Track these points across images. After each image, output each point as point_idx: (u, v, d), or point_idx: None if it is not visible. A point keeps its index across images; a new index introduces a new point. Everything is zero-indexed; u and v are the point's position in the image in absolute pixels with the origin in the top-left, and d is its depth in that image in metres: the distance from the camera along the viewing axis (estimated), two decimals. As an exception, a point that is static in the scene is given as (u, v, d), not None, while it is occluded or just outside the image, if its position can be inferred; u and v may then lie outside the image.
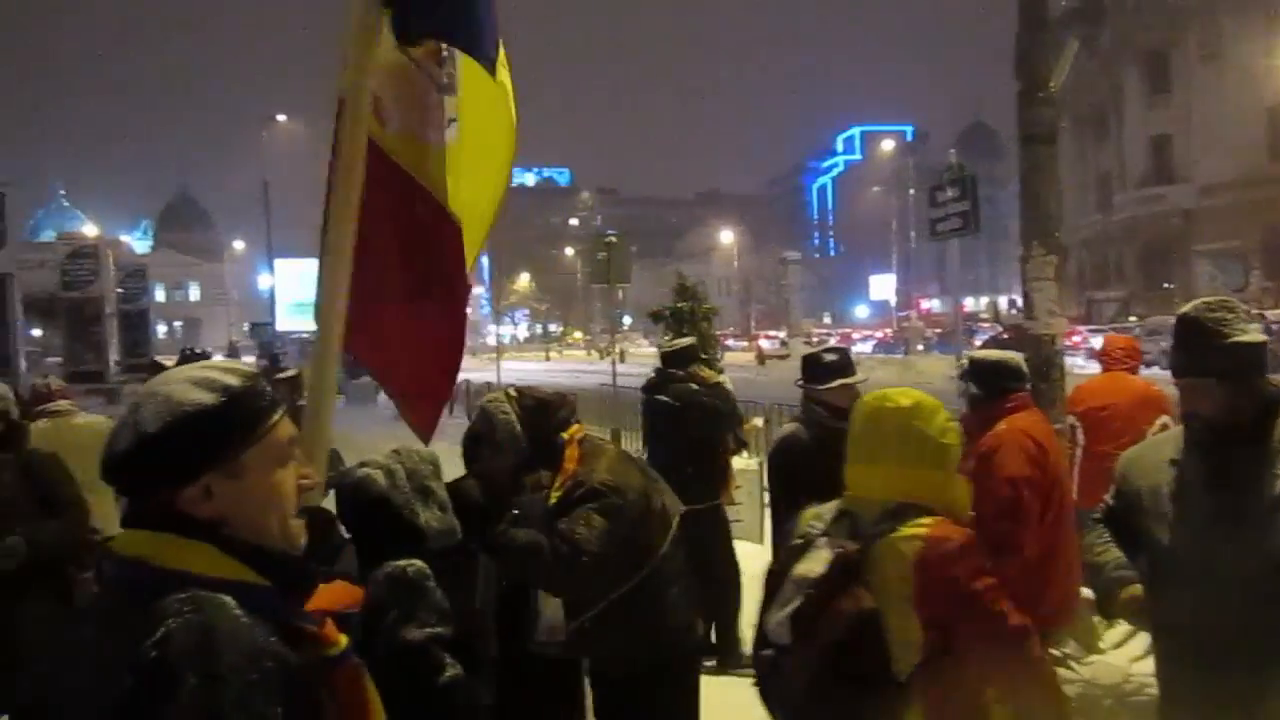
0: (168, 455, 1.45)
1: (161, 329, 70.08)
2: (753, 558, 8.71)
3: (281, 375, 6.57)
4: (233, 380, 1.51)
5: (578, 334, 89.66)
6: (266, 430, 1.53)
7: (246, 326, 61.44)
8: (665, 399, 6.15)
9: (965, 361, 4.32)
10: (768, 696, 2.73)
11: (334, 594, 1.65)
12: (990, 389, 4.01)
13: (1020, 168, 5.67)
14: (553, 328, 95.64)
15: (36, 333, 49.21)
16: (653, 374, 6.54)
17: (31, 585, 4.17)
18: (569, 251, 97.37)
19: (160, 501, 1.46)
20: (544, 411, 3.64)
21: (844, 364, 4.45)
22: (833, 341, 19.63)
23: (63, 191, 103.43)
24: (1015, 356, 4.23)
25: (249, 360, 25.96)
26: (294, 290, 48.16)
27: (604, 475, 3.49)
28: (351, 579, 1.73)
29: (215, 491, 1.47)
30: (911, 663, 2.49)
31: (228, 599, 1.40)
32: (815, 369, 4.43)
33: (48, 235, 71.40)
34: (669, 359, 6.47)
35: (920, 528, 2.48)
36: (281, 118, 44.08)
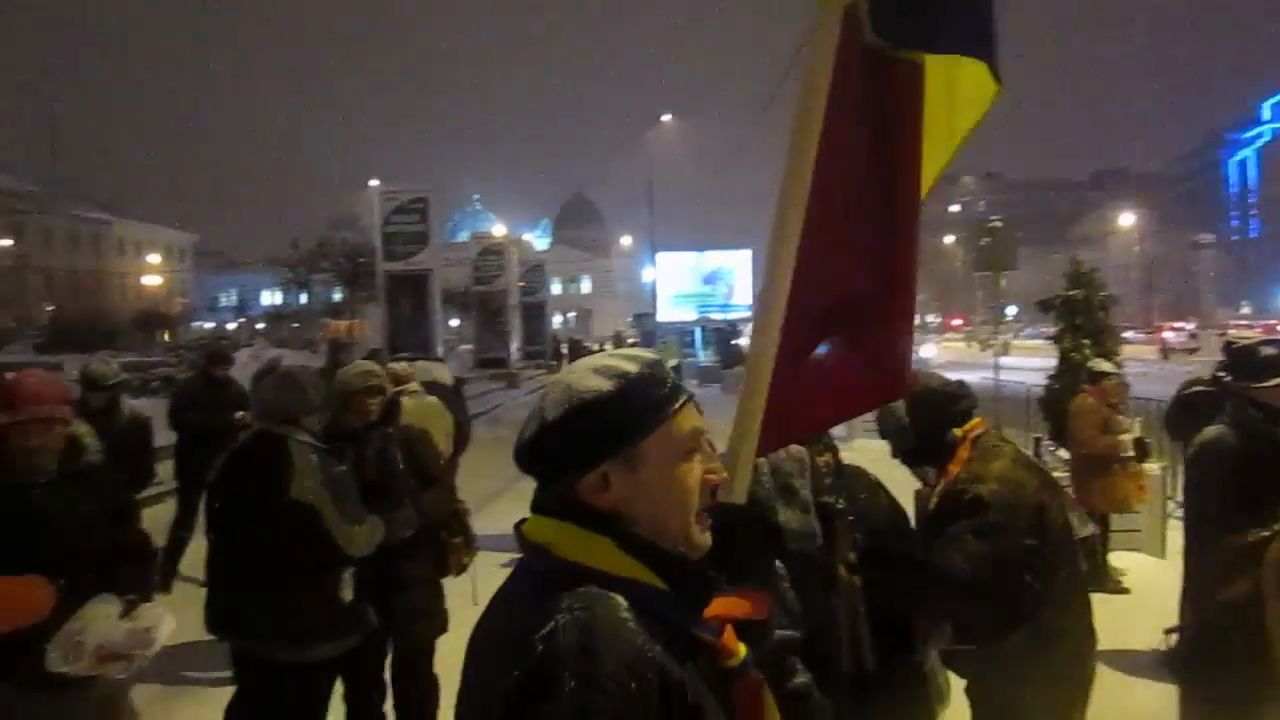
0: (566, 442, 1.44)
1: (557, 320, 75.74)
2: (1152, 572, 7.88)
3: None
4: (631, 367, 1.48)
5: (956, 321, 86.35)
6: (664, 419, 1.47)
7: (630, 317, 64.82)
8: None
9: None
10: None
11: (734, 602, 1.53)
12: None
13: None
14: (930, 319, 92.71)
15: (454, 323, 54.99)
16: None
17: (411, 550, 4.52)
18: (949, 239, 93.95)
19: (563, 489, 1.46)
20: (938, 402, 3.35)
21: (1287, 358, 3.72)
22: (1256, 334, 17.35)
23: (476, 196, 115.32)
24: None
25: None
26: (675, 282, 50.14)
27: (992, 485, 3.13)
28: (762, 584, 1.65)
29: (613, 481, 1.44)
30: None
31: (619, 599, 1.36)
32: (1250, 364, 3.74)
33: (463, 236, 79.68)
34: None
35: None
36: (666, 117, 46.00)
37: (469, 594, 4.62)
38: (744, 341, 38.91)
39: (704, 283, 51.83)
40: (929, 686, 3.24)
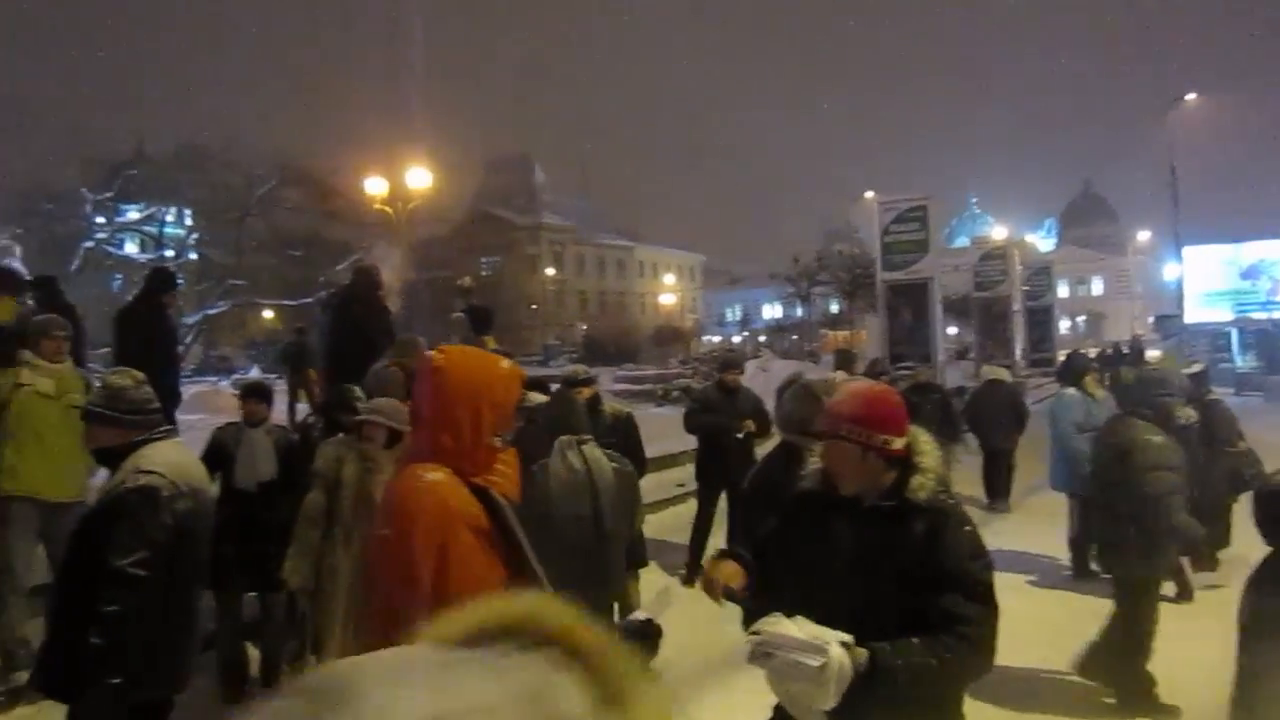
0: None
1: (1064, 324, 71.29)
2: None
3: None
4: None
5: None
6: None
7: (1151, 319, 59.30)
8: None
9: None
10: None
11: None
12: None
13: None
14: None
15: (952, 330, 53.88)
16: None
17: None
18: None
19: None
20: None
21: None
22: None
23: (974, 200, 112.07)
24: None
25: (1154, 354, 24.98)
26: (1206, 279, 45.02)
27: None
28: None
29: None
30: None
31: None
32: None
33: (962, 241, 77.83)
34: None
35: None
36: (1190, 96, 41.45)
37: None
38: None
39: (1241, 278, 45.87)
40: None
